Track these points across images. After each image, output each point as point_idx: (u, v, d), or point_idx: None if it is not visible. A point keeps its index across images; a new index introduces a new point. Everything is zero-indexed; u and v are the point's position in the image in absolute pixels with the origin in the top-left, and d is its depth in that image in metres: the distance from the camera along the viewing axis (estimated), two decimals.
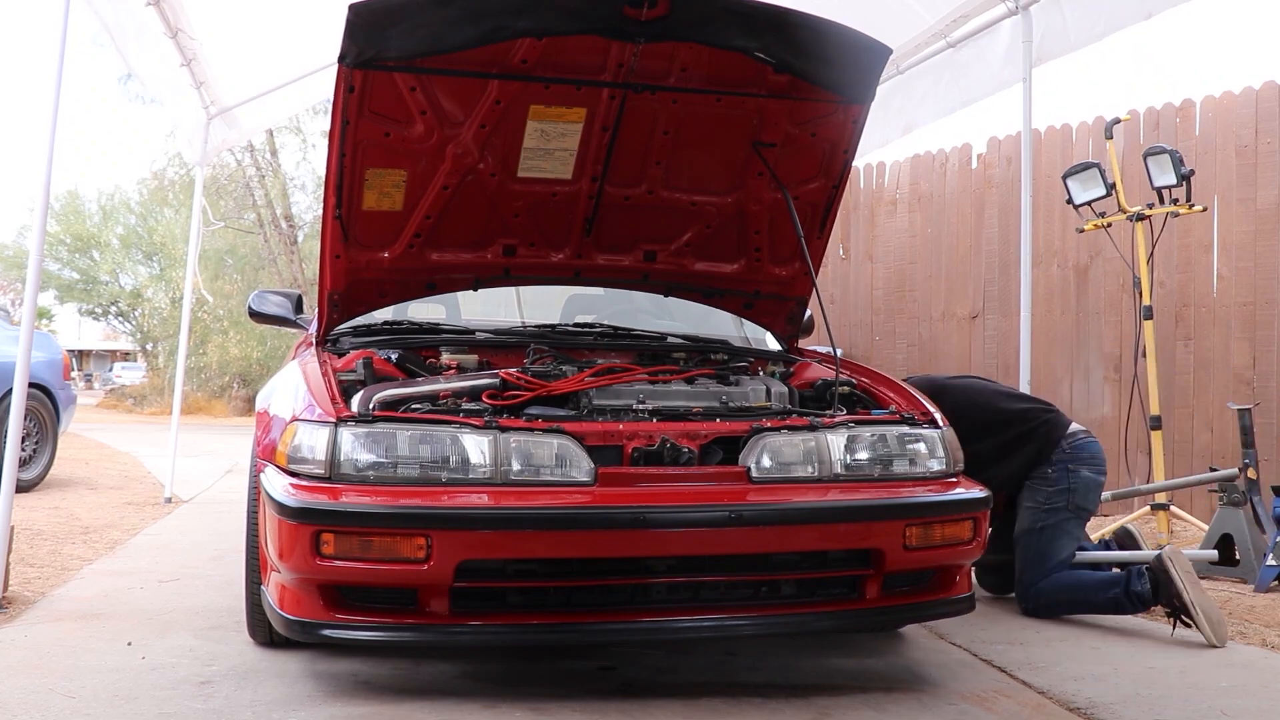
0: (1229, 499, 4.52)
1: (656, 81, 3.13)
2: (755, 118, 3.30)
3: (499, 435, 2.74)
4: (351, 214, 3.23)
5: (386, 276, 3.44)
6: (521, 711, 2.68)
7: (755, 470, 2.88)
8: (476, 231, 3.47)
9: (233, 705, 2.69)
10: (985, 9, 5.12)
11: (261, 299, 4.26)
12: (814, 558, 2.91)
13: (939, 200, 7.66)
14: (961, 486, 3.06)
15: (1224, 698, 2.90)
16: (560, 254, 3.61)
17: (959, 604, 3.09)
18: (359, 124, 3.02)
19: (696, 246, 3.67)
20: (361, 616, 2.66)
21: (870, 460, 3.00)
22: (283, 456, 2.76)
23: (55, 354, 7.68)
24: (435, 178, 3.23)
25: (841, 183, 3.52)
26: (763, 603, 2.89)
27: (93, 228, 30.15)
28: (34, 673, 2.95)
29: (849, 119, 3.35)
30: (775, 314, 3.89)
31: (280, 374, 3.42)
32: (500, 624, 2.70)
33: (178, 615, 3.67)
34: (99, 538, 5.36)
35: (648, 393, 3.06)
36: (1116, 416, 6.16)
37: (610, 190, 3.42)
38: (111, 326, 36.04)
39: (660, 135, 3.30)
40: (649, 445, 2.86)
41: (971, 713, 2.76)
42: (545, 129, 3.20)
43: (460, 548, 2.58)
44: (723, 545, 2.76)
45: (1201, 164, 5.89)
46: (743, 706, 2.76)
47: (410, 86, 3.00)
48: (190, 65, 6.01)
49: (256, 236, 21.59)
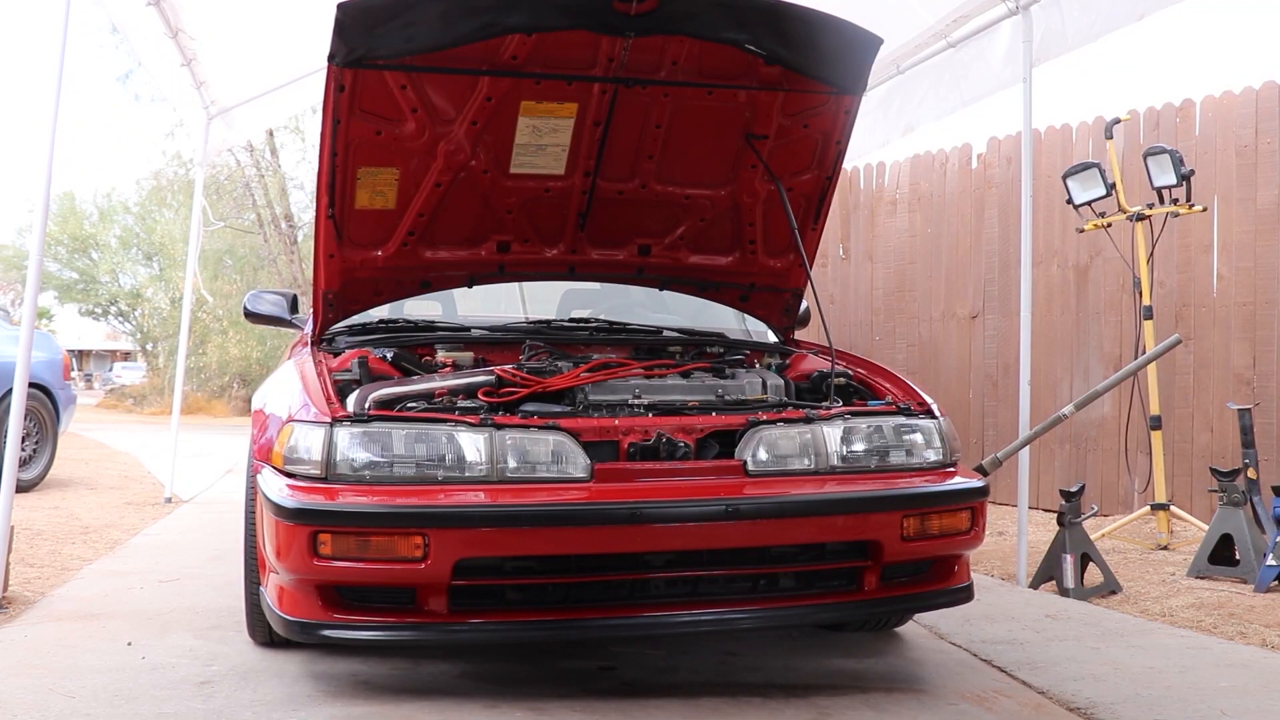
0: (1229, 499, 4.51)
1: (648, 75, 3.13)
2: (747, 110, 3.30)
3: (495, 433, 2.74)
4: (344, 213, 3.23)
5: (381, 275, 3.44)
6: (521, 711, 2.68)
7: (752, 463, 2.87)
8: (470, 228, 3.46)
9: (233, 705, 2.70)
10: (985, 9, 5.10)
11: (256, 299, 4.26)
12: (812, 550, 2.91)
13: (939, 200, 7.64)
14: (959, 476, 3.06)
15: (1224, 698, 2.90)
16: (554, 250, 3.61)
17: (958, 594, 3.09)
18: (350, 123, 3.02)
19: (690, 240, 3.66)
20: (360, 616, 2.67)
21: (867, 451, 3.00)
22: (279, 457, 2.76)
23: (55, 354, 7.68)
24: (428, 175, 3.23)
25: (835, 174, 3.51)
26: (761, 596, 2.89)
27: (90, 228, 30.11)
28: (34, 673, 2.96)
29: (841, 110, 3.34)
30: (771, 306, 3.89)
31: (276, 374, 3.42)
32: (499, 621, 2.70)
33: (177, 615, 3.68)
34: (99, 538, 5.36)
35: (643, 387, 3.06)
36: (1116, 416, 6.15)
37: (603, 185, 3.42)
38: (111, 326, 36.01)
39: (652, 129, 3.30)
40: (645, 440, 2.86)
41: (971, 713, 2.76)
42: (537, 125, 3.20)
43: (458, 546, 2.58)
44: (720, 539, 2.76)
45: (1201, 164, 5.87)
46: (743, 706, 2.76)
47: (401, 84, 3.00)
48: (190, 65, 6.01)
49: (256, 236, 21.58)
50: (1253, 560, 4.38)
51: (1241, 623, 3.77)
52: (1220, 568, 4.51)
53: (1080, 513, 4.45)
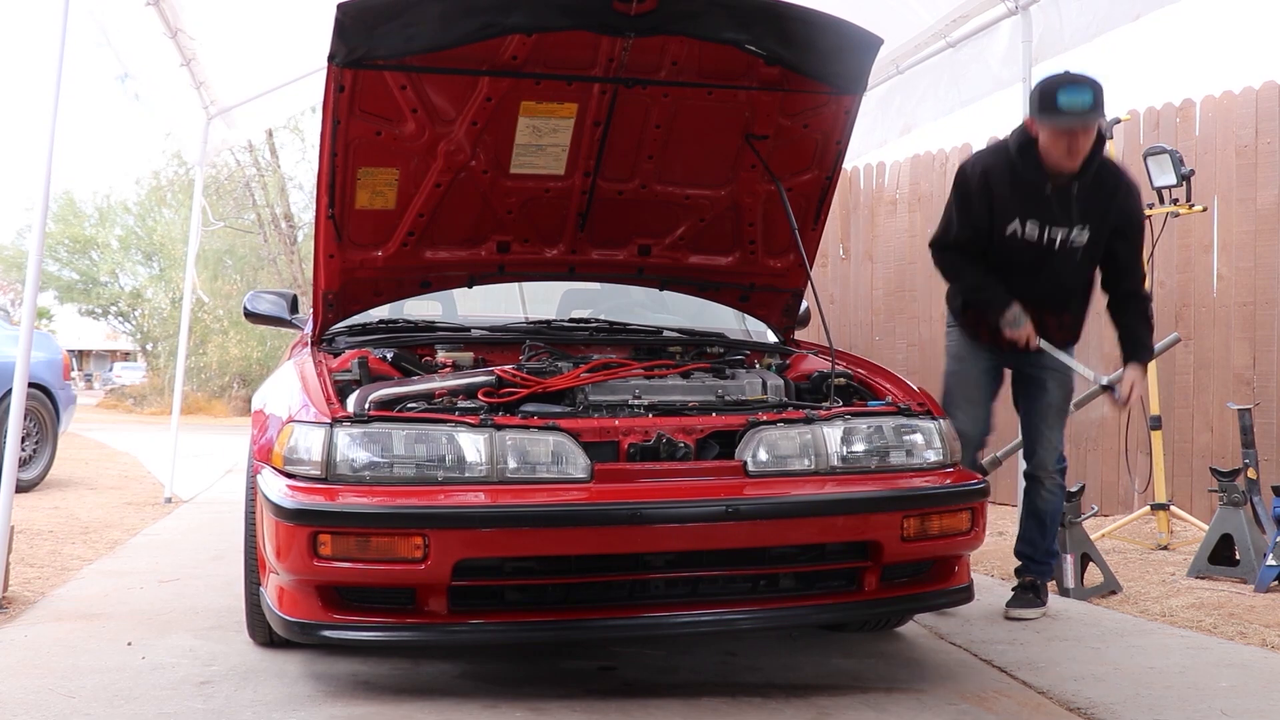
0: (1229, 499, 4.50)
1: (647, 76, 3.12)
2: (747, 110, 3.30)
3: (494, 433, 2.74)
4: (344, 213, 3.22)
5: (381, 275, 3.43)
6: (521, 711, 2.68)
7: (752, 464, 2.87)
8: (470, 229, 3.46)
9: (233, 705, 2.70)
10: (985, 9, 5.11)
11: (256, 299, 4.26)
12: (812, 550, 2.90)
13: (939, 200, 7.54)
14: (959, 477, 3.06)
15: (1224, 698, 2.89)
16: (554, 250, 3.60)
17: (958, 594, 3.09)
18: (350, 123, 3.02)
19: (691, 240, 3.66)
20: (360, 617, 2.67)
21: (867, 452, 3.00)
22: (279, 458, 2.76)
23: (55, 354, 7.69)
24: (428, 176, 3.23)
25: (835, 174, 3.51)
26: (761, 596, 2.89)
27: (90, 229, 30.12)
28: (34, 673, 2.96)
29: (841, 110, 3.34)
30: (771, 306, 3.89)
31: (276, 375, 3.42)
32: (499, 622, 2.70)
33: (178, 615, 3.68)
34: (99, 538, 5.37)
35: (643, 388, 3.06)
36: (1116, 417, 6.13)
37: (603, 185, 3.42)
38: (111, 327, 36.01)
39: (652, 129, 3.29)
40: (645, 441, 2.85)
41: (971, 713, 2.75)
42: (537, 125, 3.19)
43: (457, 546, 2.58)
44: (720, 540, 2.76)
45: (1201, 164, 5.85)
46: (743, 706, 2.76)
47: (400, 85, 2.99)
48: (190, 65, 6.01)
49: (256, 236, 21.59)
50: (1253, 560, 4.37)
51: (1241, 623, 3.76)
52: (1220, 568, 4.50)
53: (1080, 513, 4.44)
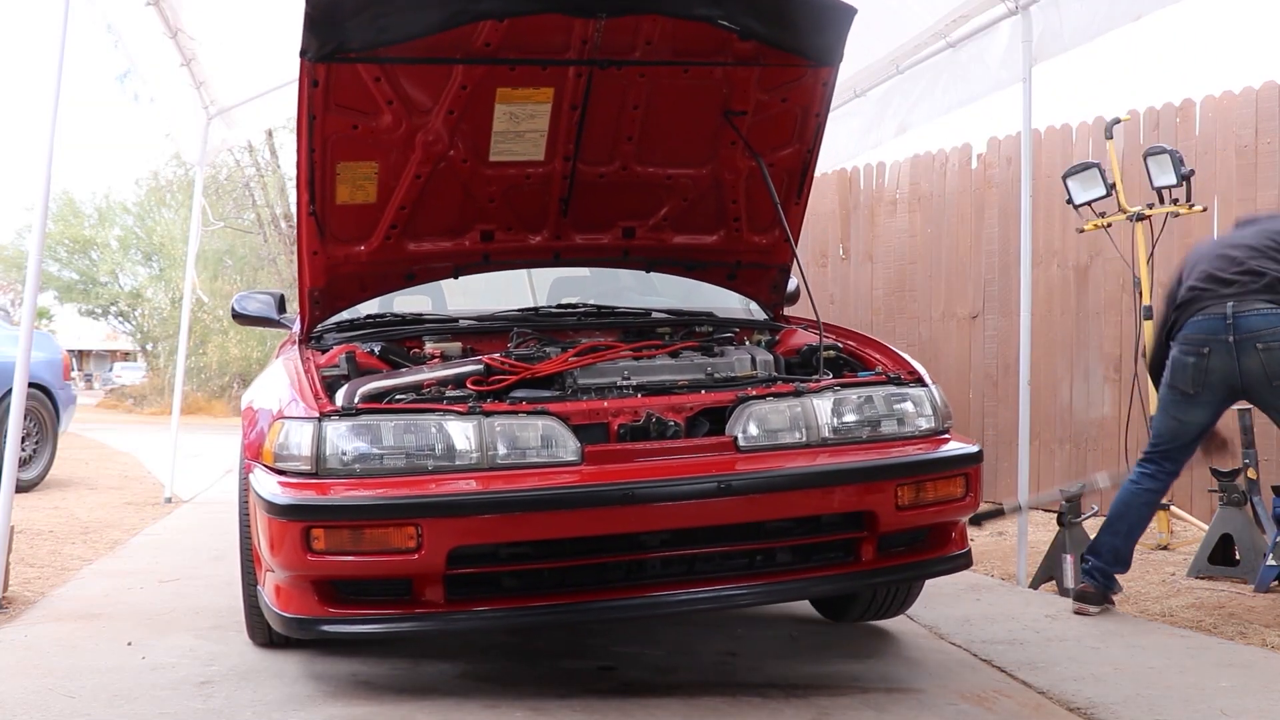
0: (1229, 499, 4.48)
1: (622, 56, 3.10)
2: (724, 87, 3.27)
3: (483, 420, 2.74)
4: (326, 209, 3.20)
5: (365, 270, 3.42)
6: (521, 711, 2.69)
7: (743, 439, 2.88)
8: (452, 219, 3.45)
9: (233, 705, 2.71)
10: (984, 9, 5.07)
11: (244, 300, 4.27)
12: (807, 523, 2.91)
13: (939, 200, 7.59)
14: (952, 443, 3.06)
15: (1224, 698, 2.88)
16: (538, 236, 3.59)
17: (955, 561, 3.10)
18: (326, 118, 3.00)
19: (675, 220, 3.64)
20: (358, 610, 2.68)
21: (858, 422, 3.00)
22: (269, 454, 2.76)
23: (55, 354, 7.70)
24: (407, 167, 3.21)
25: (815, 147, 3.49)
26: (758, 571, 2.89)
27: (90, 229, 30.09)
28: (34, 673, 2.98)
29: (819, 82, 3.32)
30: (759, 283, 3.87)
31: (264, 373, 3.42)
32: (497, 609, 2.71)
33: (178, 615, 3.69)
34: (99, 538, 5.39)
35: (632, 369, 3.07)
36: (1116, 417, 6.10)
37: (584, 169, 3.40)
38: (111, 327, 36.02)
39: (630, 110, 3.28)
40: (635, 421, 2.86)
41: (971, 713, 2.75)
42: (514, 111, 3.18)
43: (451, 535, 2.59)
44: (714, 516, 2.76)
45: (1201, 164, 5.81)
46: (742, 706, 2.76)
47: (375, 77, 2.97)
48: (190, 65, 5.99)
49: (256, 236, 21.54)
50: (1253, 560, 4.35)
51: (1241, 623, 3.74)
52: (1220, 568, 4.48)
53: (1080, 513, 4.39)
